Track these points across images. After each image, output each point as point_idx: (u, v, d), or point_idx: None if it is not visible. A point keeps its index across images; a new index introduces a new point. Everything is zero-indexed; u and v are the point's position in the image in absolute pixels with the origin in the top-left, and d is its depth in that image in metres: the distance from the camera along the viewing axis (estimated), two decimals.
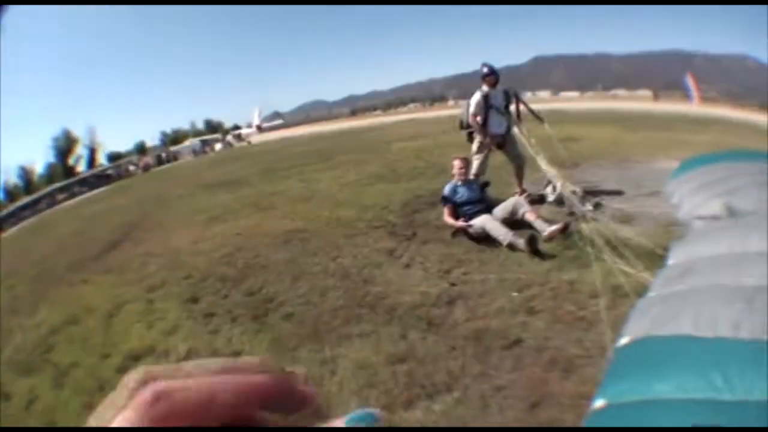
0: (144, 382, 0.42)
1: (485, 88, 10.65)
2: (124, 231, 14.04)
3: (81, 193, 36.47)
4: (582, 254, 7.31)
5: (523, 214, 8.66)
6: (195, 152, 52.51)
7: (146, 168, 45.80)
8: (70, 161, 61.40)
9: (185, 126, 74.91)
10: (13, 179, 55.84)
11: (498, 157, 10.69)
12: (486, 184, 9.69)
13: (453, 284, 7.23)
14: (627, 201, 9.87)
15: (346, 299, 7.11)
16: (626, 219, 8.68)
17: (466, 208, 8.98)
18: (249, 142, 53.09)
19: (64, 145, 62.16)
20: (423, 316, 6.40)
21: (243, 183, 18.31)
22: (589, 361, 4.89)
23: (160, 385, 0.42)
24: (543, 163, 10.18)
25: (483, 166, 10.63)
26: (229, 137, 58.31)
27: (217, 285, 8.21)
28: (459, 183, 9.22)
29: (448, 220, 9.01)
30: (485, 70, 10.66)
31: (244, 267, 8.84)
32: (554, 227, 8.17)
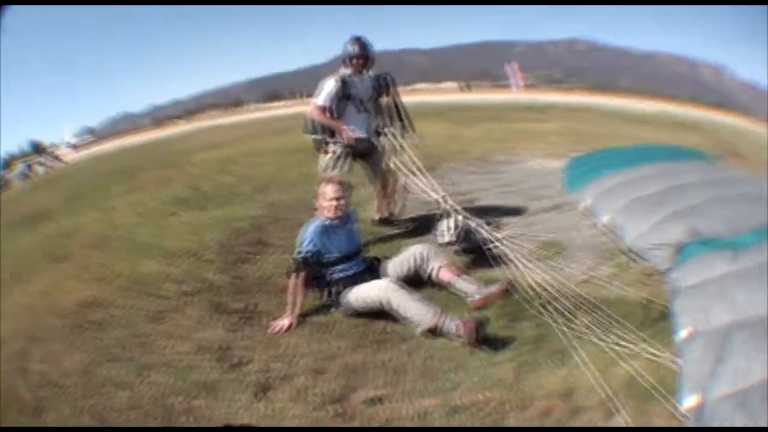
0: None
1: (345, 71, 6.57)
2: None
3: None
4: (542, 327, 4.35)
5: (434, 272, 5.08)
6: (25, 176, 44.89)
7: None
8: None
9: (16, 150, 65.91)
10: None
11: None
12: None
13: None
14: (532, 221, 6.90)
15: None
16: (555, 250, 5.83)
17: (341, 267, 5.07)
18: (65, 162, 46.13)
19: None
20: None
21: (49, 216, 12.66)
22: None
23: None
24: (422, 183, 6.58)
25: None
26: (48, 158, 51.12)
27: None
28: (332, 222, 5.09)
29: (293, 295, 4.95)
30: (353, 48, 6.50)
31: (36, 398, 4.38)
32: (492, 289, 4.82)
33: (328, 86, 6.44)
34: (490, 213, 6.63)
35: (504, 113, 20.53)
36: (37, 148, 60.63)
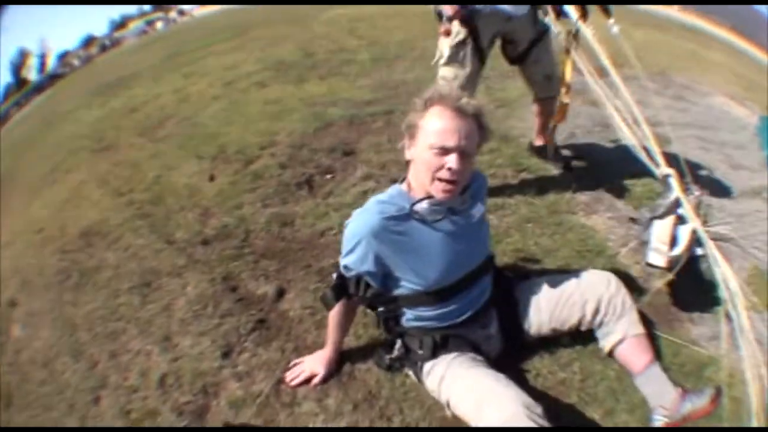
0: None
1: None
2: None
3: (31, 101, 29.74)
4: None
5: (613, 345, 2.58)
6: (143, 32, 45.39)
7: (88, 60, 38.53)
8: (23, 74, 54.91)
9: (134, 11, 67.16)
10: None
11: None
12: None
13: None
14: (739, 211, 4.34)
15: None
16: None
17: (432, 308, 2.46)
18: (192, 16, 45.81)
19: (18, 62, 55.79)
20: None
21: (131, 83, 12.32)
22: None
23: None
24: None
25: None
26: (173, 14, 51.14)
27: None
28: (430, 207, 2.32)
29: (333, 332, 2.62)
30: None
31: (5, 386, 3.41)
32: (692, 406, 2.36)
33: None
34: (691, 173, 3.94)
35: (666, 24, 17.92)
36: (159, 6, 61.71)
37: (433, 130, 2.21)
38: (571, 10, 3.68)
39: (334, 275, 2.48)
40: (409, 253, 2.36)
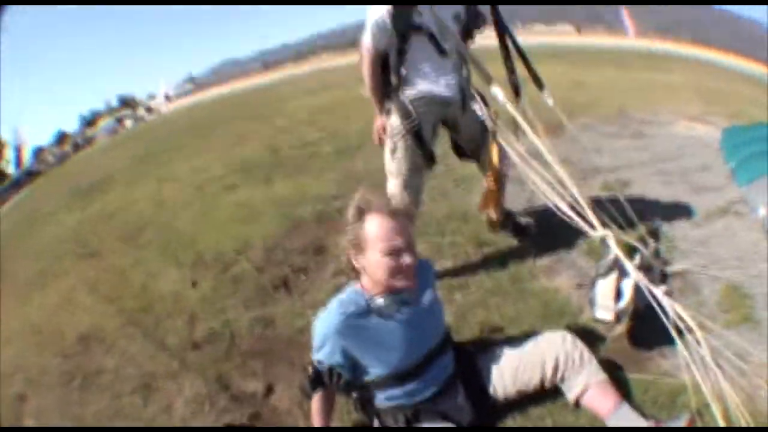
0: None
1: None
2: None
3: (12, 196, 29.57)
4: None
5: (578, 394, 2.83)
6: (114, 131, 45.41)
7: (63, 158, 38.56)
8: (2, 166, 54.25)
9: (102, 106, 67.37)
10: None
11: None
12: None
13: None
14: (705, 236, 4.61)
15: None
16: (740, 310, 3.55)
17: (401, 388, 2.76)
18: (159, 113, 46.29)
19: None
20: None
21: (106, 186, 12.64)
22: None
23: None
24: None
25: (416, 189, 4.05)
26: (140, 111, 51.56)
27: None
28: (384, 302, 2.67)
29: (317, 421, 2.78)
30: None
31: None
32: None
33: (376, 11, 3.61)
34: (653, 211, 4.58)
35: (625, 60, 19.05)
36: (126, 103, 62.29)
37: (380, 237, 2.53)
38: (499, 92, 3.76)
39: (310, 369, 2.73)
40: (371, 345, 2.69)
